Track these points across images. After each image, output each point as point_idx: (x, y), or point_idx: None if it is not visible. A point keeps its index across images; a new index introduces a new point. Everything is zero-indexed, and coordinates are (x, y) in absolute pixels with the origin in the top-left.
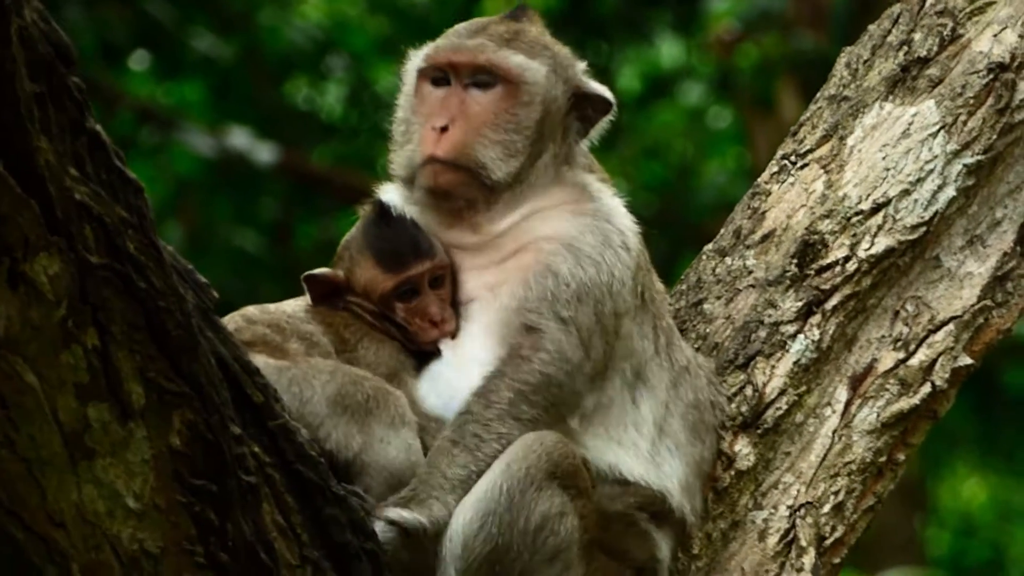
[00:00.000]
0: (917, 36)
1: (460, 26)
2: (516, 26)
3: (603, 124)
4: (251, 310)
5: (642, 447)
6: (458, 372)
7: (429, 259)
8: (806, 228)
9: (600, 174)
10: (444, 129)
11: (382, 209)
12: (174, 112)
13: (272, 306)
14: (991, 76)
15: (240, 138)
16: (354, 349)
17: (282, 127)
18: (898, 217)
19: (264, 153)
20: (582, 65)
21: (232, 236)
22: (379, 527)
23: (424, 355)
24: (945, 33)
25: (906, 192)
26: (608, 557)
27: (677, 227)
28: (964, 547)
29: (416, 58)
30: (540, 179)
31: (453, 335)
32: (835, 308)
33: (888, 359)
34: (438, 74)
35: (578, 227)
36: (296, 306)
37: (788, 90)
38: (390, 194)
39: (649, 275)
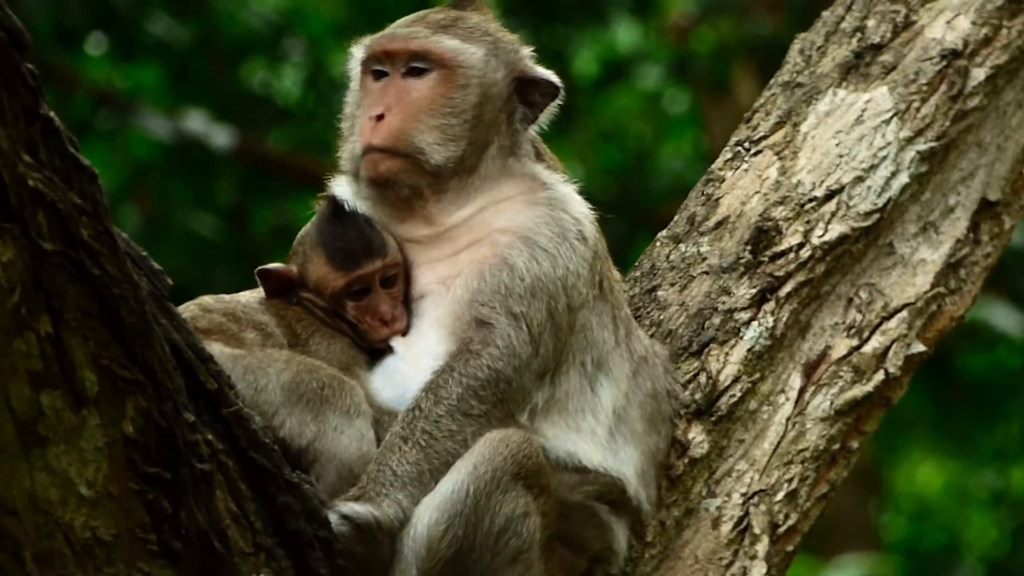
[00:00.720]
0: (870, 23)
1: (401, 19)
2: (456, 13)
3: (551, 109)
4: (207, 299)
5: (600, 434)
6: (412, 366)
7: (380, 258)
8: (760, 215)
9: (550, 160)
10: (381, 118)
11: (335, 205)
12: (130, 96)
13: (228, 296)
14: (944, 63)
15: (197, 122)
16: (306, 344)
17: (239, 111)
18: (851, 204)
19: (221, 137)
20: (527, 50)
21: (189, 220)
22: (332, 519)
23: (377, 351)
24: (898, 20)
25: (859, 179)
26: (566, 548)
27: (634, 211)
28: (919, 532)
29: (357, 52)
30: (489, 168)
31: (404, 332)
32: (789, 295)
33: (842, 346)
34: (377, 65)
35: (533, 218)
36: (251, 297)
37: (745, 75)
38: (343, 188)
39: (607, 263)
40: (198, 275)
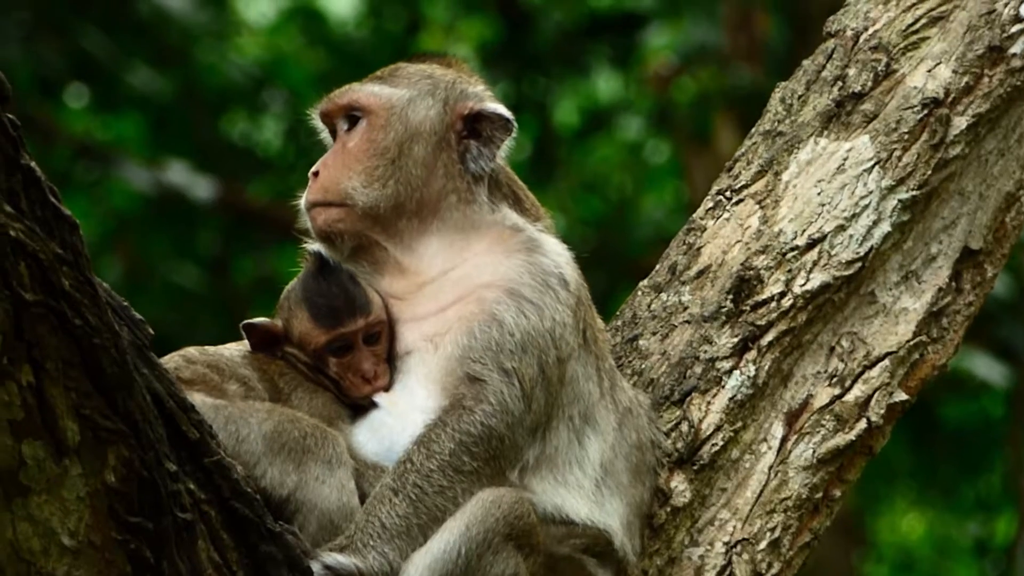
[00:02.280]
0: (851, 71)
1: None
2: (397, 65)
3: (507, 144)
4: (191, 350)
5: (586, 487)
6: (400, 420)
7: (363, 316)
8: (741, 264)
9: (529, 203)
10: (316, 175)
11: (320, 261)
12: (111, 147)
13: (212, 348)
14: (925, 111)
15: (177, 173)
16: (288, 398)
17: (219, 162)
18: (833, 253)
19: (202, 188)
20: (479, 88)
21: (170, 271)
22: (315, 569)
23: (359, 406)
24: (879, 68)
25: (841, 228)
26: None
27: (615, 261)
28: None
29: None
30: (453, 214)
31: (386, 389)
32: (771, 344)
33: (824, 395)
34: (328, 126)
35: (515, 269)
36: (235, 350)
37: (726, 124)
38: None
39: (590, 311)
40: (180, 326)
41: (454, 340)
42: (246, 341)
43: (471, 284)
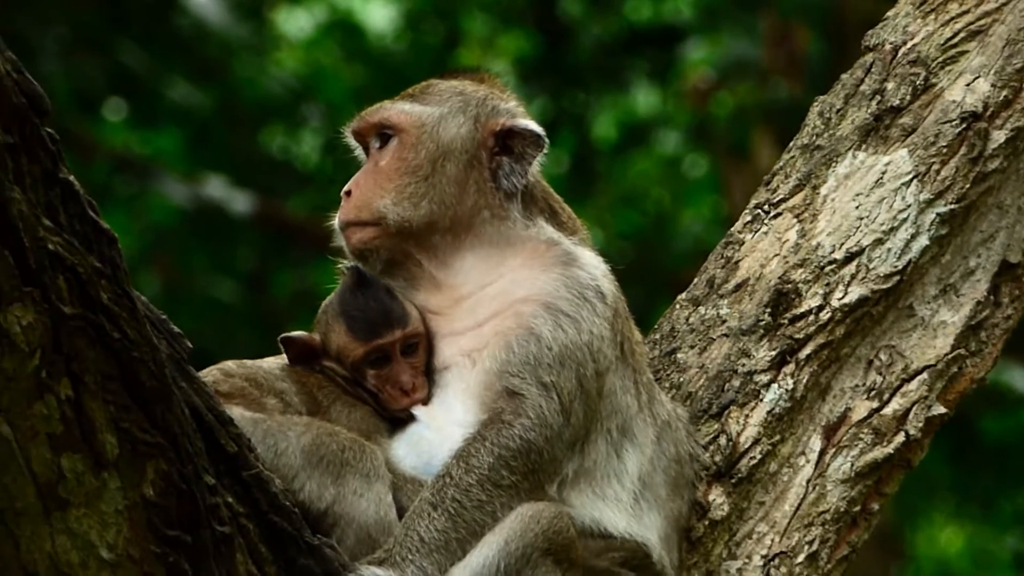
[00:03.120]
0: (890, 85)
1: None
2: (430, 82)
3: (539, 160)
4: (229, 364)
5: (624, 500)
6: (439, 434)
7: (400, 328)
8: (779, 277)
9: (566, 216)
10: (349, 194)
11: (358, 275)
12: (150, 161)
13: (250, 362)
14: (964, 125)
15: (216, 187)
16: (327, 411)
17: (258, 176)
18: (871, 266)
19: (240, 202)
20: (510, 104)
21: (208, 285)
22: None
23: (398, 420)
24: (918, 82)
25: (879, 241)
26: None
27: (653, 276)
28: None
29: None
30: (487, 229)
31: (425, 402)
32: (809, 357)
33: (862, 408)
34: (361, 145)
35: (551, 283)
36: (273, 364)
37: (764, 139)
38: None
39: (628, 323)
40: (218, 340)
41: (492, 355)
42: (284, 355)
43: (508, 299)
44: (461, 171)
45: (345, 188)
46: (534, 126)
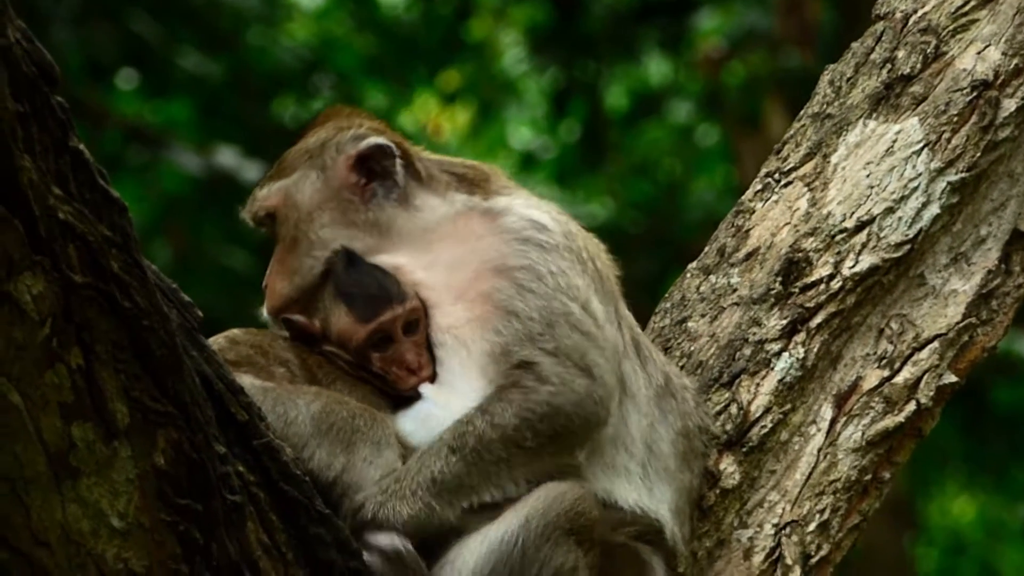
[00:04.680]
0: (900, 54)
1: None
2: (286, 154)
3: (399, 164)
4: (236, 332)
5: (634, 471)
6: (446, 411)
7: (400, 304)
8: (790, 246)
9: (470, 174)
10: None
11: (349, 257)
12: (162, 131)
13: (257, 330)
14: (975, 94)
15: (228, 157)
16: (327, 389)
17: (270, 146)
18: (882, 235)
19: (252, 172)
20: (351, 132)
21: (220, 255)
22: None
23: (401, 399)
24: (928, 51)
25: (890, 210)
26: None
27: (665, 245)
28: (953, 565)
29: None
30: (403, 226)
31: (432, 379)
32: (820, 326)
33: (873, 377)
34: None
35: (490, 247)
36: (279, 334)
37: (775, 108)
38: None
39: (589, 241)
40: (229, 310)
41: (483, 338)
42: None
43: (463, 278)
44: (339, 214)
45: (264, 283)
46: (373, 141)
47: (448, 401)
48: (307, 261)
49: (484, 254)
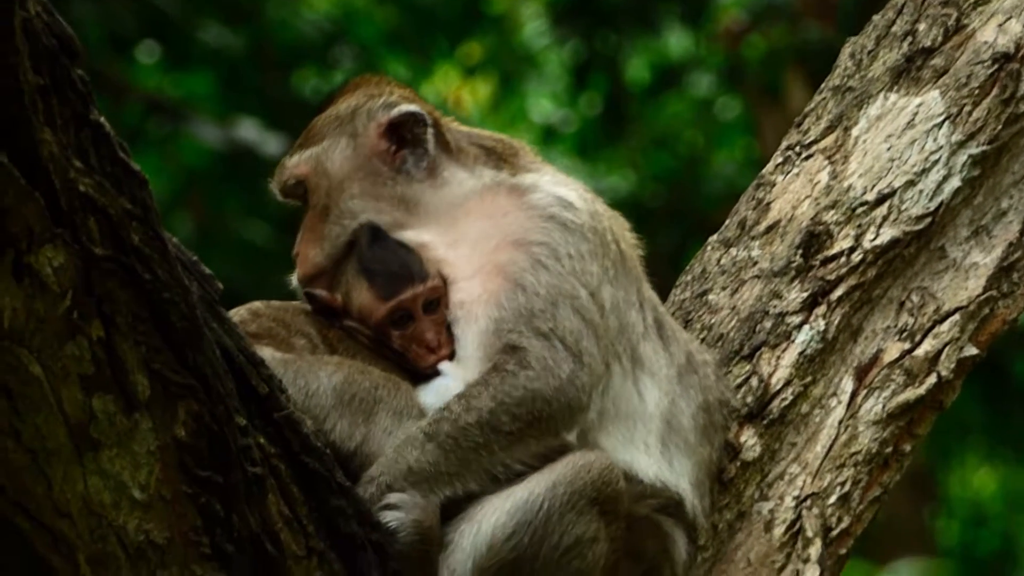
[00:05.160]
0: (922, 26)
1: None
2: (314, 121)
3: (431, 133)
4: (257, 304)
5: (652, 445)
6: (462, 385)
7: (421, 282)
8: (811, 219)
9: (499, 148)
10: (298, 255)
11: (373, 231)
12: (182, 104)
13: (278, 303)
14: (996, 66)
15: (249, 130)
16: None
17: (291, 118)
18: (903, 208)
19: (273, 144)
20: (382, 100)
21: (241, 228)
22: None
23: (420, 375)
24: (949, 23)
25: (911, 183)
26: (626, 559)
27: (686, 217)
28: (974, 537)
29: None
30: (430, 200)
31: (451, 357)
32: (840, 299)
33: (894, 350)
34: (297, 202)
35: (514, 222)
36: (300, 306)
37: (796, 81)
38: None
39: (614, 222)
40: (250, 282)
41: (485, 314)
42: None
43: (484, 251)
44: (368, 184)
45: (294, 251)
46: (405, 108)
47: (466, 376)
48: (335, 229)
49: (507, 229)
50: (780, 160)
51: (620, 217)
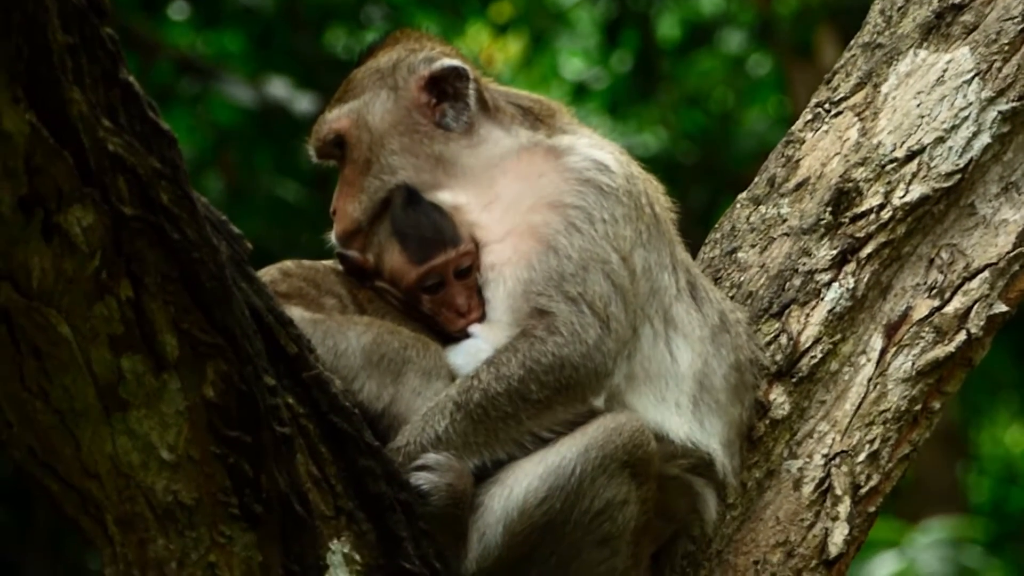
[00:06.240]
0: None
1: None
2: (352, 75)
3: (472, 88)
4: (288, 264)
5: (684, 405)
6: (493, 347)
7: (453, 247)
8: (840, 176)
9: (536, 108)
10: (335, 212)
11: (409, 193)
12: (214, 62)
13: (308, 262)
14: None
15: (280, 88)
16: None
17: (322, 77)
18: (932, 164)
19: (304, 103)
20: (423, 54)
21: (272, 186)
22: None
23: (450, 337)
24: None
25: (940, 139)
26: (657, 518)
27: (717, 175)
28: (1006, 494)
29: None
30: (467, 160)
31: (480, 319)
32: (870, 256)
33: (923, 307)
34: (332, 161)
35: (550, 183)
36: (331, 265)
37: (827, 37)
38: None
39: (649, 185)
40: (282, 241)
41: (515, 275)
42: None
43: (518, 211)
44: (408, 140)
45: (331, 208)
46: (448, 62)
47: (495, 338)
48: (375, 183)
49: (543, 190)
50: (809, 117)
51: (654, 180)
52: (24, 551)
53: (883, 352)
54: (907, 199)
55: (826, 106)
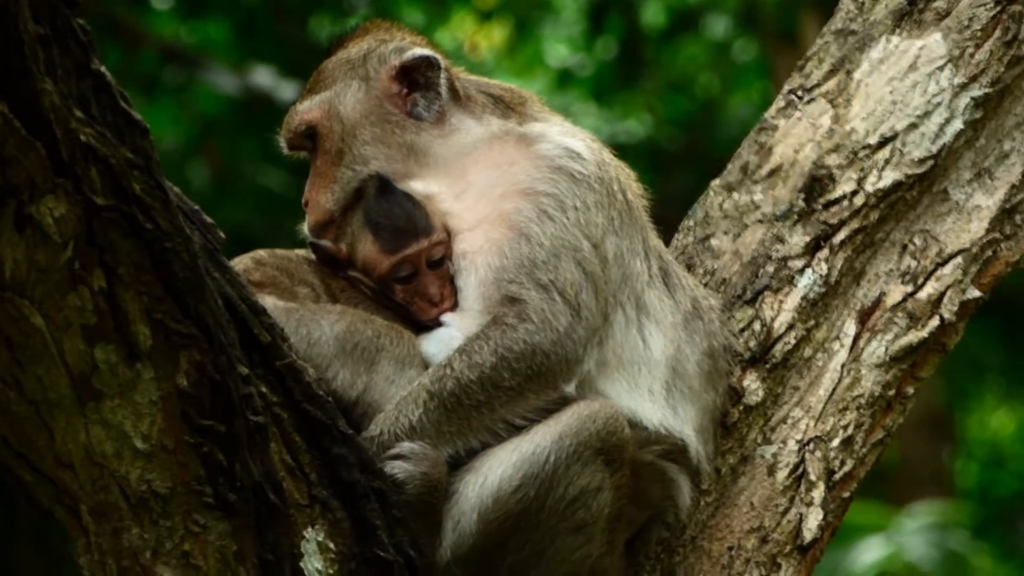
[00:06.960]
0: None
1: None
2: (322, 66)
3: (444, 78)
4: (261, 253)
5: (657, 391)
6: (462, 337)
7: (426, 237)
8: (813, 162)
9: (507, 97)
10: (307, 203)
11: (382, 182)
12: (198, 51)
13: (281, 251)
14: (998, 8)
15: (264, 77)
16: None
17: (306, 65)
18: (905, 151)
19: (288, 92)
20: (393, 44)
21: (257, 174)
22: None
23: (423, 326)
24: None
25: (913, 126)
26: (631, 505)
27: (702, 161)
28: (993, 478)
29: None
30: (438, 149)
31: (453, 308)
32: (843, 242)
33: (896, 293)
34: (304, 152)
35: (521, 171)
36: (304, 255)
37: (812, 23)
38: None
39: (621, 172)
40: (266, 229)
41: (486, 263)
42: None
43: (490, 199)
44: (379, 130)
45: (304, 199)
46: (418, 52)
47: (467, 327)
48: (347, 173)
49: (515, 178)
50: (782, 104)
51: (626, 167)
52: (11, 543)
53: (856, 338)
54: (880, 185)
55: (799, 93)
